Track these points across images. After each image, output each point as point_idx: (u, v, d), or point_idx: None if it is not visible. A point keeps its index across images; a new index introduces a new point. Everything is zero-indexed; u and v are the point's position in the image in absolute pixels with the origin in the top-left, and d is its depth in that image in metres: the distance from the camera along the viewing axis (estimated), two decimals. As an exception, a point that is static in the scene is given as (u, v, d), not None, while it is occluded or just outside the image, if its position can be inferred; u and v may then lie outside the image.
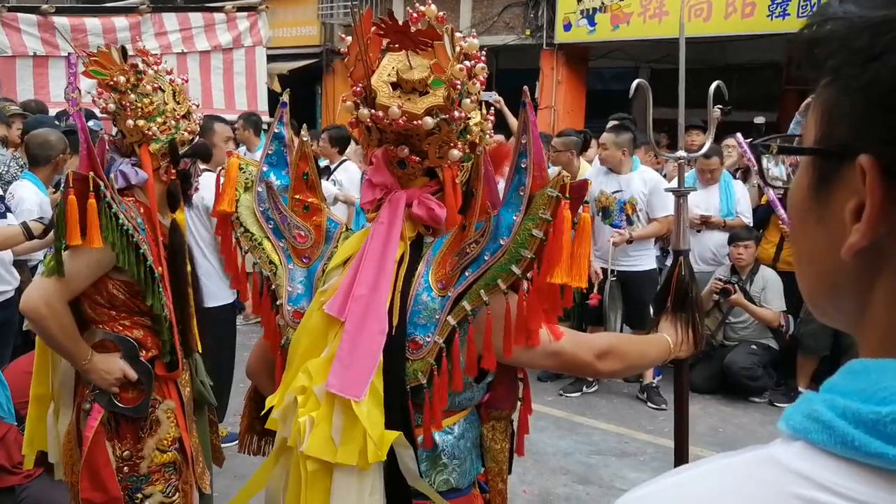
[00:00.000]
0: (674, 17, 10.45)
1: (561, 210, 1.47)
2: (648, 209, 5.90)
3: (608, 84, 13.90)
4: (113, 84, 2.57)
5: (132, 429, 2.57)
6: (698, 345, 1.99)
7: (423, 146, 1.58)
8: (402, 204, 1.61)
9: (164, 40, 10.32)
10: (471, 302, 1.53)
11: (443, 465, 1.66)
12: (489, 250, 1.53)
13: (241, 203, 1.79)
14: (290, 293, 1.70)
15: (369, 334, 1.52)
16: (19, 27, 9.32)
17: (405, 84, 1.51)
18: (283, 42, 14.07)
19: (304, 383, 1.56)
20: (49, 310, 2.38)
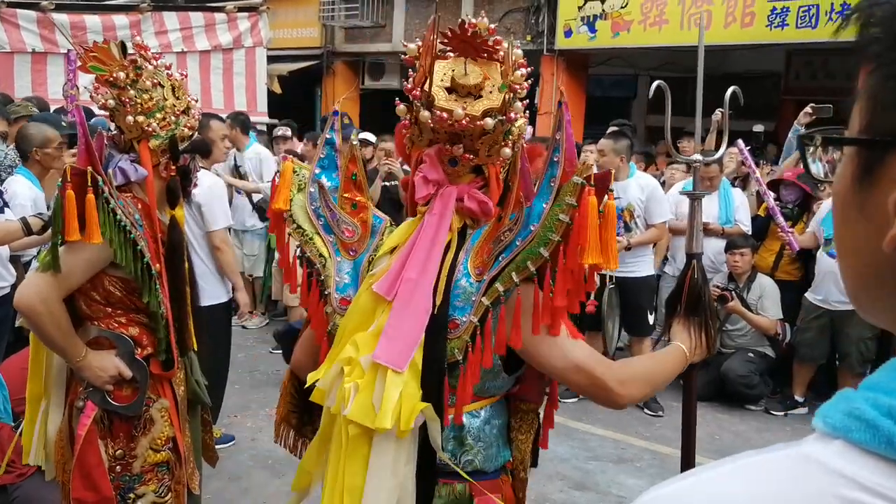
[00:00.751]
0: (673, 26, 10.48)
1: (585, 196, 1.59)
2: (646, 215, 5.90)
3: (608, 91, 13.94)
4: (112, 80, 2.52)
5: (126, 427, 2.54)
6: (711, 348, 2.01)
7: (475, 145, 1.71)
8: (453, 198, 1.74)
9: (164, 39, 10.30)
10: (503, 283, 1.65)
11: (468, 447, 1.78)
12: (521, 236, 1.66)
13: (294, 202, 1.92)
14: (337, 283, 1.84)
15: (415, 312, 1.66)
16: (18, 23, 9.30)
17: (461, 88, 1.64)
18: (283, 43, 14.06)
19: (350, 354, 1.67)
20: (44, 306, 2.35)
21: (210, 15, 10.89)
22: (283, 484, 4.57)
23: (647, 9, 10.74)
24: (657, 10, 10.65)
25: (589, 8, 11.22)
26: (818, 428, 0.60)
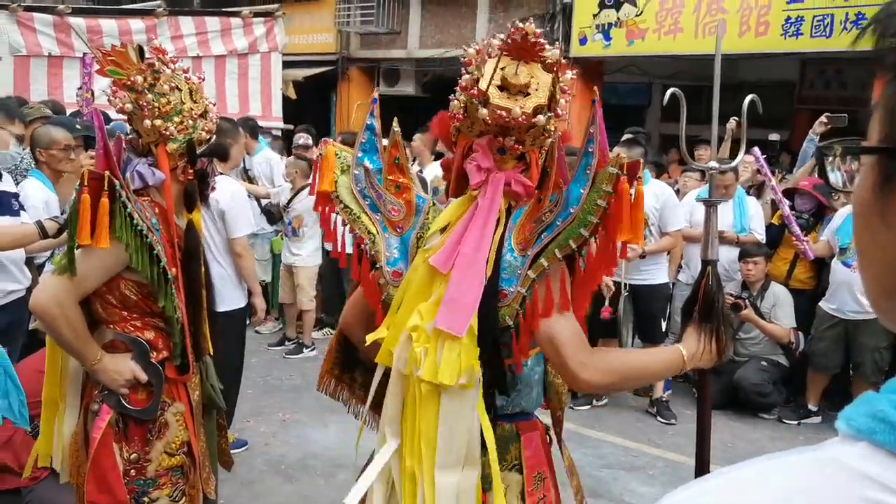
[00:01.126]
0: (688, 34, 10.46)
1: (620, 184, 1.80)
2: (661, 223, 5.88)
3: (622, 99, 13.92)
4: (130, 84, 2.52)
5: (140, 431, 2.53)
6: (722, 355, 2.08)
7: (523, 136, 1.90)
8: (502, 183, 1.92)
9: (179, 44, 10.35)
10: (547, 259, 1.85)
11: (518, 391, 2.10)
12: (561, 217, 1.85)
13: (339, 184, 2.10)
14: (388, 257, 2.04)
15: (471, 284, 1.86)
16: (35, 27, 9.37)
17: (511, 87, 1.82)
18: (299, 49, 14.11)
19: (416, 322, 1.88)
20: (59, 309, 2.35)
21: (226, 20, 10.93)
22: (296, 489, 4.58)
23: (661, 17, 10.73)
24: (672, 18, 10.63)
25: (604, 16, 11.22)
26: (842, 430, 0.60)
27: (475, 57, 1.93)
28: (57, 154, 4.57)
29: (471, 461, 1.89)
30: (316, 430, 5.40)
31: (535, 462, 2.15)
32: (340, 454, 5.00)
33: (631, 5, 10.95)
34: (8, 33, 9.08)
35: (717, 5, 10.17)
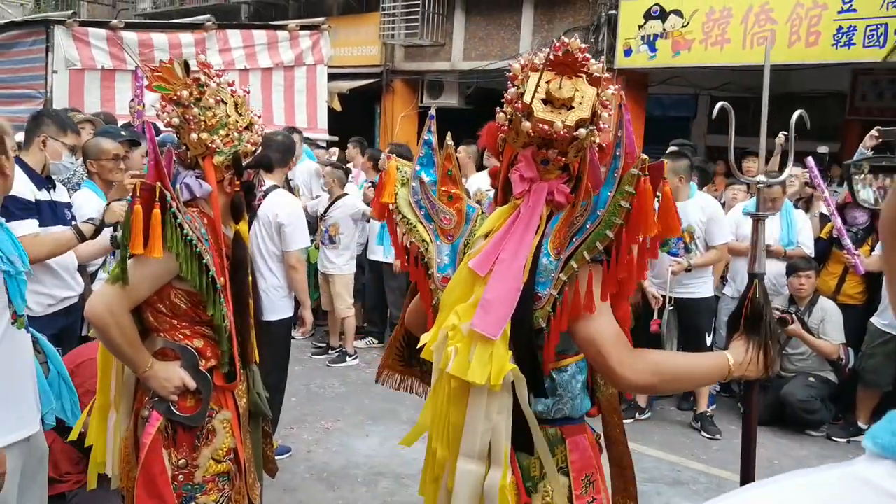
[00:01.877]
0: (735, 45, 10.34)
1: (642, 184, 1.84)
2: (706, 237, 5.82)
3: (667, 110, 13.81)
4: (176, 98, 2.58)
5: (189, 437, 2.58)
6: (769, 368, 2.07)
7: (566, 148, 1.94)
8: (544, 193, 1.98)
9: (227, 56, 10.52)
10: (577, 262, 1.90)
11: (558, 397, 2.11)
12: (590, 220, 1.90)
13: (399, 196, 2.23)
14: (438, 264, 2.15)
15: (508, 289, 1.91)
16: (89, 41, 9.59)
17: (555, 101, 1.88)
18: (344, 61, 14.25)
19: (454, 322, 1.94)
20: (112, 317, 2.41)
21: (273, 33, 11.08)
22: (338, 497, 4.61)
23: (708, 28, 10.63)
24: (719, 29, 10.53)
25: (649, 27, 11.15)
26: (868, 448, 0.60)
27: (520, 72, 1.98)
28: (107, 164, 4.68)
29: (496, 460, 1.93)
30: (358, 439, 5.44)
31: (583, 465, 2.15)
32: (382, 462, 5.03)
33: (677, 16, 10.87)
34: (64, 48, 9.31)
35: (766, 16, 10.04)
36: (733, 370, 2.02)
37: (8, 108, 9.45)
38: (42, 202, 3.94)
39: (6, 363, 2.54)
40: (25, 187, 3.84)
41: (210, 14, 11.87)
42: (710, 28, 10.60)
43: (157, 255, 2.37)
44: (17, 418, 2.61)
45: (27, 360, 2.69)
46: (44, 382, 2.86)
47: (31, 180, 3.91)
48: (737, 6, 10.31)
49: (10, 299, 2.51)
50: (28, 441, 2.71)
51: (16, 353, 2.60)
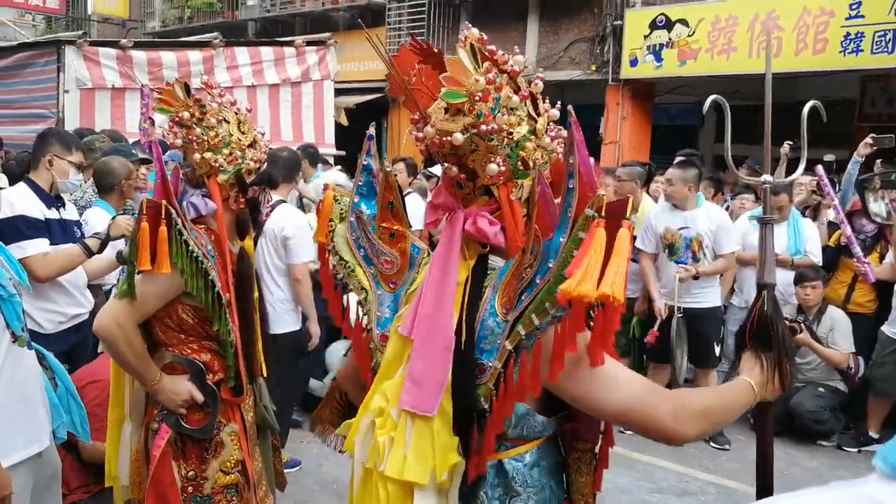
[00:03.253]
0: (742, 53, 10.35)
1: (593, 227, 1.42)
2: (714, 245, 5.81)
3: (674, 119, 13.80)
4: (178, 119, 2.64)
5: (197, 450, 2.62)
6: (786, 386, 1.81)
7: (468, 163, 1.58)
8: (459, 223, 1.62)
9: (235, 73, 10.60)
10: (524, 326, 1.51)
11: (516, 493, 1.64)
12: (540, 273, 1.51)
13: (336, 233, 1.88)
14: (378, 317, 1.76)
15: (435, 351, 1.55)
16: (99, 60, 9.69)
17: (451, 106, 1.54)
18: (350, 76, 14.33)
19: (381, 405, 1.60)
20: (120, 330, 2.46)
21: (279, 49, 11.17)
22: (347, 511, 4.60)
23: (714, 37, 10.65)
24: (725, 38, 10.54)
25: (655, 37, 11.18)
26: (879, 468, 0.59)
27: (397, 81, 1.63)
28: (133, 182, 4.95)
29: None
30: (368, 453, 5.41)
31: None
32: (392, 477, 5.01)
33: (683, 26, 10.90)
34: (75, 68, 9.42)
35: (772, 23, 10.05)
36: (758, 394, 1.75)
37: (21, 127, 9.55)
38: (52, 221, 3.98)
39: (10, 383, 2.58)
40: (35, 207, 3.88)
41: (217, 32, 11.98)
42: (715, 37, 10.62)
43: (164, 270, 2.42)
44: (24, 436, 2.65)
45: (33, 376, 2.73)
46: (53, 397, 2.90)
47: (40, 199, 3.95)
48: (743, 15, 10.33)
49: (7, 321, 2.55)
50: (39, 457, 2.74)
51: (20, 372, 2.63)
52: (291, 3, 16.51)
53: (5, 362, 2.56)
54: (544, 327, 1.49)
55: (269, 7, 16.89)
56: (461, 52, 1.53)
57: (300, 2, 16.32)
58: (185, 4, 18.40)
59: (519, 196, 1.62)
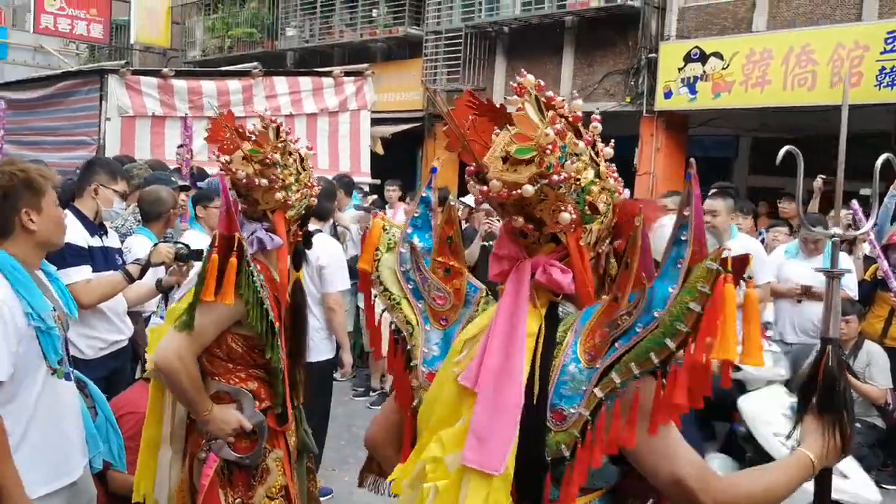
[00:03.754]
0: (776, 86, 10.34)
1: (720, 284, 1.38)
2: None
3: (708, 151, 13.77)
4: (268, 160, 2.67)
5: (244, 477, 2.67)
6: (847, 449, 1.73)
7: (535, 213, 1.56)
8: (527, 273, 1.58)
9: (273, 102, 10.75)
10: (620, 374, 1.45)
11: None
12: (641, 322, 1.44)
13: (382, 263, 1.82)
14: (425, 354, 1.71)
15: (504, 407, 1.49)
16: (141, 89, 9.90)
17: (511, 157, 1.51)
18: (387, 106, 14.46)
19: (436, 453, 1.54)
20: (182, 364, 2.52)
21: (318, 79, 11.31)
22: (379, 539, 4.60)
23: (748, 70, 10.65)
24: (759, 70, 10.55)
25: (689, 69, 11.21)
26: None
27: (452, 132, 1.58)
28: (178, 211, 5.09)
29: None
30: (399, 482, 5.41)
31: None
32: (423, 506, 5.00)
33: (717, 59, 10.93)
34: (117, 96, 9.63)
35: (807, 57, 10.04)
36: (817, 467, 1.68)
37: (64, 154, 9.78)
38: (95, 248, 4.07)
39: (46, 415, 2.60)
40: (79, 234, 3.97)
41: (257, 61, 12.19)
42: (750, 70, 10.63)
43: (228, 301, 2.48)
44: (56, 468, 2.66)
45: (70, 408, 2.74)
46: (91, 427, 2.93)
47: (84, 227, 4.05)
48: (777, 48, 10.34)
49: (44, 353, 2.57)
50: (74, 486, 2.75)
51: (56, 404, 2.65)
52: (330, 33, 16.78)
53: (42, 394, 2.58)
54: (643, 376, 1.45)
55: (307, 37, 17.17)
56: (527, 105, 1.51)
57: (338, 33, 16.58)
58: (225, 34, 18.75)
59: (587, 241, 1.60)
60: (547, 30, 13.18)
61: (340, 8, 16.60)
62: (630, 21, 12.04)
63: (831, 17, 10.24)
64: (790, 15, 10.62)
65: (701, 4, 11.56)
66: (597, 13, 12.31)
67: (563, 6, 12.61)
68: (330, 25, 16.83)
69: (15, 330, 2.46)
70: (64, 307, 2.75)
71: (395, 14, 15.49)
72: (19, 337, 2.48)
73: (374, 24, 15.82)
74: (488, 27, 13.89)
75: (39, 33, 21.91)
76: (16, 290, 2.50)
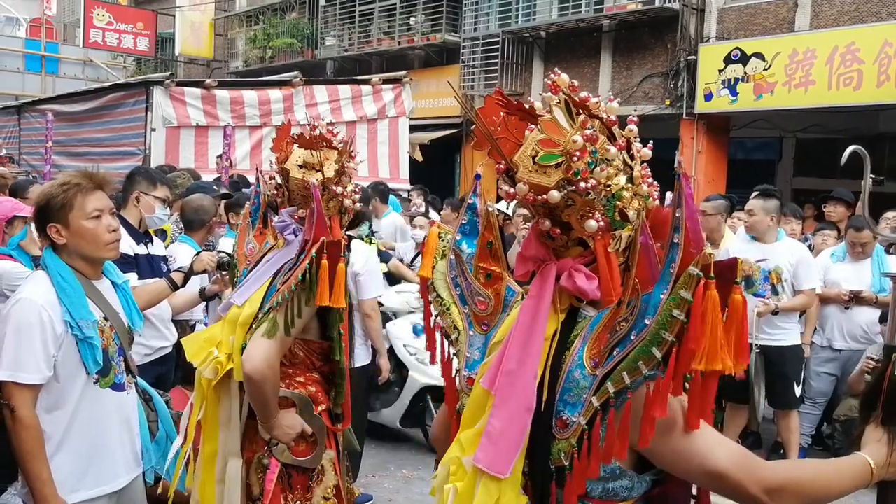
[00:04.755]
0: (821, 87, 10.17)
1: (700, 290, 1.34)
2: (794, 281, 5.67)
3: (751, 153, 13.60)
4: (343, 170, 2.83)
5: (303, 480, 2.71)
6: None
7: (563, 217, 1.55)
8: (551, 276, 1.57)
9: (313, 111, 10.84)
10: (614, 384, 1.44)
11: None
12: (636, 329, 1.43)
13: (437, 269, 1.87)
14: (468, 359, 1.74)
15: (515, 411, 1.51)
16: (185, 100, 10.07)
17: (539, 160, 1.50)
18: (425, 113, 14.52)
19: (457, 454, 1.58)
20: (271, 372, 2.53)
21: (357, 87, 11.41)
22: (419, 545, 4.62)
23: (791, 70, 10.50)
24: (803, 71, 10.39)
25: (730, 71, 11.08)
26: None
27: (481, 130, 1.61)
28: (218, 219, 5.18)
29: None
30: (439, 488, 5.42)
31: None
32: (463, 512, 5.00)
33: (759, 59, 10.79)
34: (162, 107, 9.80)
35: (852, 56, 9.87)
36: (876, 475, 1.58)
37: (111, 164, 9.96)
38: (140, 256, 4.15)
39: (86, 422, 2.63)
40: (125, 242, 4.03)
41: (297, 71, 12.31)
42: (793, 70, 10.47)
43: (342, 305, 2.53)
44: (96, 475, 2.68)
45: (114, 416, 2.74)
46: (147, 440, 2.97)
47: (130, 236, 4.12)
48: (821, 47, 10.18)
49: (83, 361, 2.60)
50: (118, 496, 2.77)
51: (98, 412, 2.66)
52: (368, 42, 16.90)
53: (81, 401, 2.61)
54: (635, 386, 1.43)
55: (346, 46, 17.32)
56: (556, 109, 1.49)
57: (377, 41, 16.69)
58: (266, 45, 19.00)
59: (616, 248, 1.57)
60: (584, 34, 13.13)
61: (379, 17, 16.71)
62: (668, 23, 11.95)
63: (877, 15, 10.05)
64: (834, 13, 10.45)
65: (741, 5, 11.42)
66: (634, 16, 12.22)
67: (600, 10, 12.55)
68: (368, 34, 16.95)
69: (53, 335, 2.52)
70: (126, 318, 2.80)
71: (433, 21, 15.55)
72: (58, 342, 2.53)
73: (411, 32, 15.91)
74: (525, 32, 13.88)
75: (89, 47, 22.51)
76: (59, 297, 2.56)
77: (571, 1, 12.91)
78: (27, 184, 6.01)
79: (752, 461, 1.47)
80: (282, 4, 19.12)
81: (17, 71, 21.45)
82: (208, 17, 21.82)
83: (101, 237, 2.65)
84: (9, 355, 2.48)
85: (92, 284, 2.71)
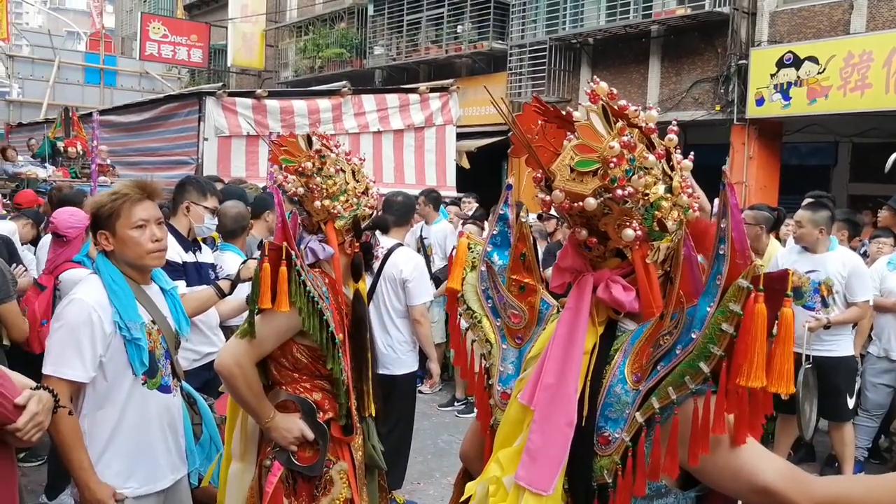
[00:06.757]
0: (877, 90, 9.92)
1: (750, 303, 1.32)
2: (847, 292, 5.52)
3: (805, 159, 13.31)
4: (301, 169, 2.80)
5: (308, 487, 2.72)
6: None
7: (599, 227, 1.52)
8: (588, 288, 1.54)
9: (362, 120, 10.96)
10: (659, 399, 1.42)
11: None
12: (681, 343, 1.41)
13: (467, 281, 1.83)
14: (501, 373, 1.71)
15: (557, 426, 1.48)
16: (236, 110, 10.24)
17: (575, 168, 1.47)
18: (472, 120, 14.54)
19: (496, 473, 1.55)
20: (240, 370, 2.61)
21: (404, 96, 11.48)
22: (462, 554, 4.60)
23: (846, 73, 10.26)
24: (858, 74, 10.14)
25: (782, 75, 10.87)
26: None
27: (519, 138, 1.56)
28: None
29: None
30: (484, 496, 5.40)
31: None
32: (508, 521, 4.97)
33: (812, 63, 10.57)
34: (214, 117, 9.98)
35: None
36: None
37: (165, 173, 10.18)
38: (188, 264, 4.23)
39: (133, 422, 2.71)
40: (174, 250, 4.12)
41: (346, 80, 12.46)
42: (848, 73, 10.23)
43: (283, 309, 2.55)
44: (144, 475, 2.76)
45: (158, 417, 2.81)
46: (191, 443, 3.05)
47: (179, 244, 4.21)
48: (878, 50, 9.93)
49: (130, 361, 2.68)
50: (164, 496, 2.84)
51: (144, 413, 2.74)
52: (416, 51, 17.01)
53: (129, 400, 2.70)
54: (682, 401, 1.40)
55: (394, 55, 17.45)
56: (593, 116, 1.46)
57: (424, 50, 16.80)
58: (316, 55, 19.27)
59: (654, 259, 1.53)
60: (632, 39, 13.01)
61: (426, 26, 16.80)
62: (718, 28, 11.77)
63: (937, 16, 9.80)
64: (892, 14, 10.19)
65: (794, 8, 11.19)
66: (683, 21, 12.05)
67: (648, 15, 12.43)
68: (416, 43, 17.06)
69: (102, 335, 2.61)
70: (174, 323, 2.89)
71: (480, 29, 15.59)
72: (106, 342, 2.63)
73: (459, 40, 15.96)
74: (573, 39, 13.80)
75: (145, 60, 23.13)
76: (110, 299, 2.66)
77: (619, 7, 12.81)
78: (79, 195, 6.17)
79: (802, 476, 1.43)
80: (331, 15, 19.40)
81: (77, 83, 22.12)
82: (259, 29, 22.21)
83: (144, 246, 2.72)
84: (56, 351, 2.58)
85: (141, 289, 2.80)
